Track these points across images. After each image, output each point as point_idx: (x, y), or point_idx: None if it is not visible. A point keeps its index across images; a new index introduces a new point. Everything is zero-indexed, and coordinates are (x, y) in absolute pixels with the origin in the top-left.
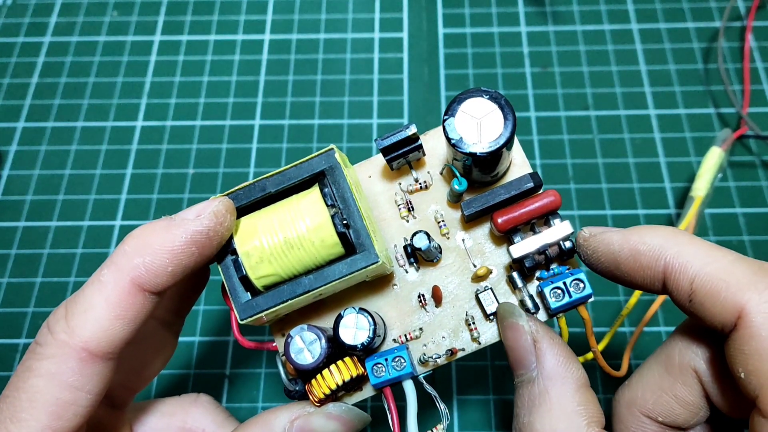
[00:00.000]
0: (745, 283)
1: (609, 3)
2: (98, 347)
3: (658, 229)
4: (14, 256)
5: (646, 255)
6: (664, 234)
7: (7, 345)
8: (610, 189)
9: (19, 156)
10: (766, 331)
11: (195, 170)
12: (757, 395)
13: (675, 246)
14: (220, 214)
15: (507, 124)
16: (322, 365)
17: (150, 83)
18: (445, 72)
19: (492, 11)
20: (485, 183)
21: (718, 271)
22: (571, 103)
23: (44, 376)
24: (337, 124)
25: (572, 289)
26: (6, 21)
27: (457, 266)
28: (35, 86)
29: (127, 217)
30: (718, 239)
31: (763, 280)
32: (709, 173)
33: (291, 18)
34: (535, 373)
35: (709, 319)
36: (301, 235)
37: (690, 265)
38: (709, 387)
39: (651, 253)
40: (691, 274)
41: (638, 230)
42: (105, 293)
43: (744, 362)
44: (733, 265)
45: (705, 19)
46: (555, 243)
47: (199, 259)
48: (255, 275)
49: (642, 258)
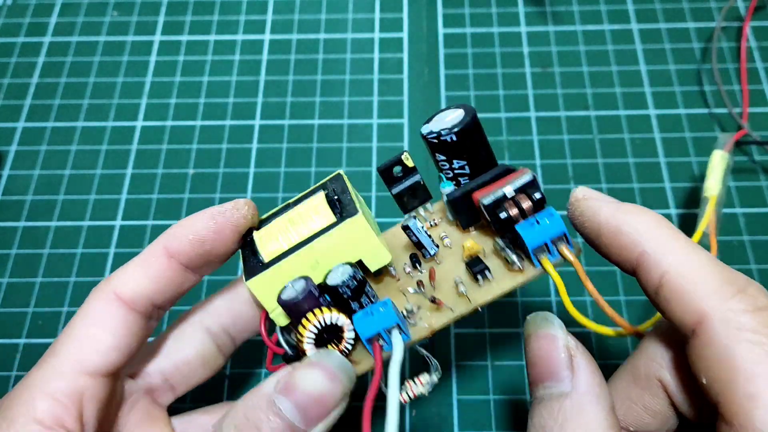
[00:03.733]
0: (712, 288)
1: (609, 3)
2: (131, 298)
3: (645, 214)
4: (14, 255)
5: (626, 236)
6: (649, 221)
7: (7, 345)
8: (610, 189)
9: (19, 156)
10: (725, 338)
11: (195, 170)
12: (718, 401)
13: (656, 236)
14: (239, 203)
15: (468, 113)
16: (306, 305)
17: (150, 83)
18: (445, 72)
19: (492, 11)
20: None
21: (689, 271)
22: (571, 103)
23: (80, 316)
24: (337, 124)
25: (546, 221)
26: (6, 21)
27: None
28: (35, 86)
29: (127, 217)
30: (718, 239)
31: (730, 289)
32: (716, 173)
33: (291, 18)
34: (568, 388)
35: (671, 317)
36: (300, 212)
37: (664, 259)
38: (675, 396)
39: (631, 236)
40: (662, 268)
41: (628, 209)
42: (141, 256)
43: (705, 369)
44: (706, 268)
45: (705, 19)
46: (520, 190)
47: (216, 236)
48: (264, 251)
49: (622, 238)
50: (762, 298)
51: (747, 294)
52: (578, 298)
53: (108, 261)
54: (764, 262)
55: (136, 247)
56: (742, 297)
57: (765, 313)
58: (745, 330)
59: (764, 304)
